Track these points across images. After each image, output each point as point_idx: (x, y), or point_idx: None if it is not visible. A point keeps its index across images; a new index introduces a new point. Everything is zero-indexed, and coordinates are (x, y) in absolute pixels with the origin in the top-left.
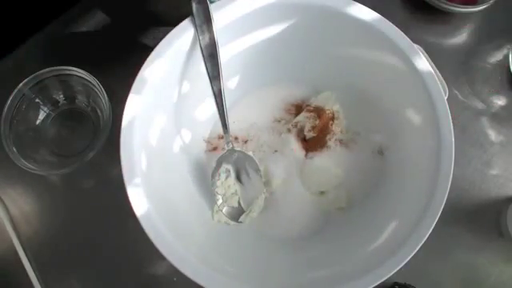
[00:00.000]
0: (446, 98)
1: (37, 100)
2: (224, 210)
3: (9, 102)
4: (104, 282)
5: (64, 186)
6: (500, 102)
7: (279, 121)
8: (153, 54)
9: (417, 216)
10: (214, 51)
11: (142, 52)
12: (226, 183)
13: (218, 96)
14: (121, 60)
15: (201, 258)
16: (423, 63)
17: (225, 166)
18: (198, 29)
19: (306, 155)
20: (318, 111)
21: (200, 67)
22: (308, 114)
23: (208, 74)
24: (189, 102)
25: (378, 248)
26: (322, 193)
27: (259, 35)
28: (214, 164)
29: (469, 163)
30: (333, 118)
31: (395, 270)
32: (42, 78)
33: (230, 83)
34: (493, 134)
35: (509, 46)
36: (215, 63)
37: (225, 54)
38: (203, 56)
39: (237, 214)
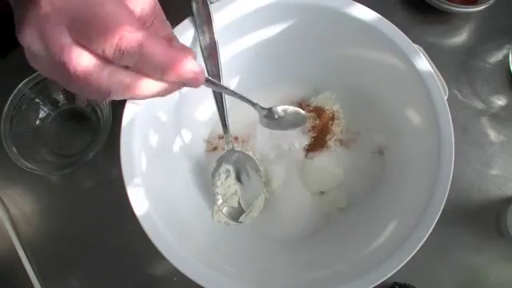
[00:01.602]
0: (446, 98)
1: (37, 100)
2: (224, 210)
3: (9, 102)
4: (104, 282)
5: (64, 186)
6: (500, 101)
7: None
8: None
9: (417, 216)
10: (214, 51)
11: None
12: (226, 183)
13: (218, 96)
14: None
15: (201, 257)
16: (423, 63)
17: (225, 166)
18: (198, 29)
19: (306, 155)
20: (318, 111)
21: None
22: (308, 114)
23: (208, 74)
24: (189, 102)
25: (377, 248)
26: (322, 193)
27: (259, 35)
28: (214, 164)
29: (469, 163)
30: (333, 118)
31: (395, 270)
32: (42, 78)
33: (230, 83)
34: (493, 134)
35: (509, 46)
36: (215, 63)
37: (225, 54)
38: (203, 56)
39: (237, 214)
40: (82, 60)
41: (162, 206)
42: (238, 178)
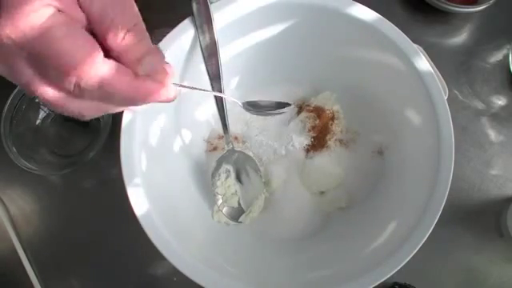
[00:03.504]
0: (446, 98)
1: (37, 100)
2: (224, 210)
3: (9, 102)
4: (104, 282)
5: (64, 186)
6: (500, 101)
7: None
8: None
9: (417, 216)
10: (214, 51)
11: None
12: (226, 183)
13: (218, 96)
14: None
15: (201, 257)
16: (423, 63)
17: (225, 166)
18: (198, 29)
19: (306, 155)
20: (318, 111)
21: (200, 67)
22: (308, 114)
23: (208, 74)
24: (189, 102)
25: (377, 248)
26: (322, 193)
27: (259, 35)
28: (214, 164)
29: (469, 163)
30: (333, 118)
31: (395, 270)
32: None
33: (230, 83)
34: (493, 134)
35: (509, 46)
36: (215, 63)
37: (225, 54)
38: (203, 56)
39: (237, 214)
40: (47, 92)
41: (162, 206)
42: (238, 178)
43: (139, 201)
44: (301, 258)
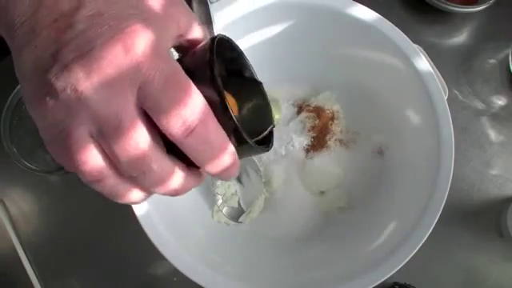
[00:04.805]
0: (446, 98)
1: None
2: (224, 211)
3: (9, 101)
4: (104, 281)
5: (64, 185)
6: (500, 101)
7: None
8: None
9: (417, 216)
10: None
11: None
12: (226, 183)
13: None
14: None
15: (201, 257)
16: (423, 63)
17: None
18: None
19: (306, 155)
20: (318, 111)
21: None
22: (308, 114)
23: None
24: None
25: (377, 248)
26: (322, 193)
27: (259, 35)
28: None
29: (468, 163)
30: (333, 118)
31: (395, 270)
32: None
33: None
34: (493, 134)
35: (509, 46)
36: None
37: None
38: None
39: (237, 215)
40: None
41: (162, 205)
42: (238, 178)
43: None
44: (300, 258)
